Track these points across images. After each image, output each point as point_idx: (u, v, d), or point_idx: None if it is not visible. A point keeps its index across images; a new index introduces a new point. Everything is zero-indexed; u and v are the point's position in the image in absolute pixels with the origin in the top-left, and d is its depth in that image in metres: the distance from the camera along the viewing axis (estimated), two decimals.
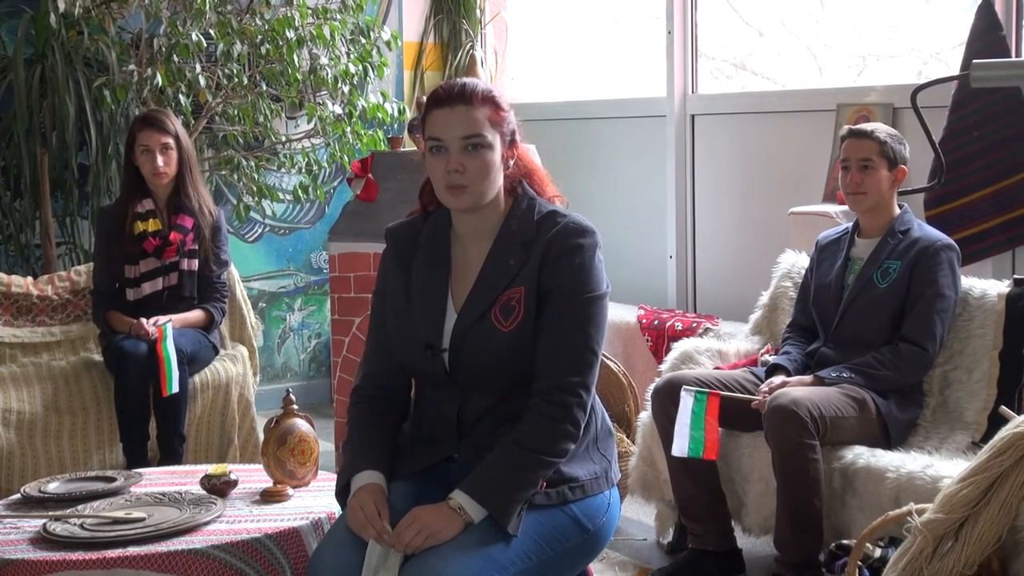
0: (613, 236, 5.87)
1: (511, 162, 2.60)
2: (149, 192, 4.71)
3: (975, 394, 3.77)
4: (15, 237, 5.53)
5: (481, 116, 2.51)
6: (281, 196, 6.26)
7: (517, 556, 2.40)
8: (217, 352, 4.83)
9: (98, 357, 4.74)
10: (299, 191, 5.97)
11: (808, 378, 3.70)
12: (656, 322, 5.26)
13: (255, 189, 5.89)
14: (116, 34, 5.58)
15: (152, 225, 4.66)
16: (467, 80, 2.56)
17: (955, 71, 4.59)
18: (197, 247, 4.68)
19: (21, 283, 4.94)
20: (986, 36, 4.46)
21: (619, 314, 5.36)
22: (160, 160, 4.61)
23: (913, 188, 4.46)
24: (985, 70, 3.34)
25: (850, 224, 4.04)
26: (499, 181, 2.57)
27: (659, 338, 5.18)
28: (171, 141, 4.64)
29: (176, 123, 4.70)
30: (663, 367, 4.19)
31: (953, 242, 3.83)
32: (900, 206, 3.91)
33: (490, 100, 2.54)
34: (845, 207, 4.77)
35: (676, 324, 5.17)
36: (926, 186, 4.52)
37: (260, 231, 6.42)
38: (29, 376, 4.59)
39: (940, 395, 3.84)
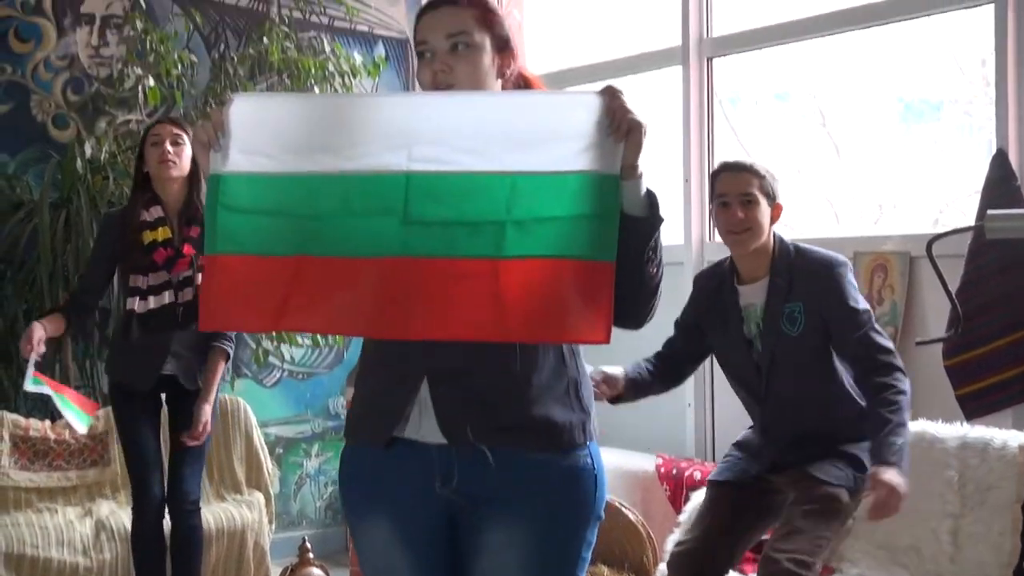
0: None
1: (508, 72, 2.42)
2: (158, 199, 4.47)
3: (998, 547, 3.72)
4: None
5: (468, 15, 2.36)
6: (300, 340, 6.28)
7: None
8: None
9: (113, 511, 4.66)
10: (317, 336, 5.99)
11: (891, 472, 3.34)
12: (674, 471, 5.22)
13: (274, 333, 5.91)
14: None
15: (162, 234, 4.40)
16: None
17: (971, 220, 4.60)
18: None
19: (39, 427, 4.94)
20: (1001, 186, 4.48)
21: (637, 463, 5.33)
22: (169, 147, 4.36)
23: (930, 339, 4.44)
24: (1000, 221, 3.33)
25: (720, 264, 3.91)
26: (493, 89, 2.39)
27: (677, 488, 5.13)
28: (183, 135, 4.40)
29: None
30: (682, 517, 4.15)
31: (841, 257, 3.72)
32: (773, 236, 3.75)
33: (478, 2, 2.39)
34: None
35: (695, 473, 5.12)
36: (943, 336, 4.50)
37: (278, 376, 6.42)
38: (45, 524, 4.55)
39: (955, 549, 3.77)
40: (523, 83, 2.48)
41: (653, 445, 5.70)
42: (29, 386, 4.05)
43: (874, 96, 5.72)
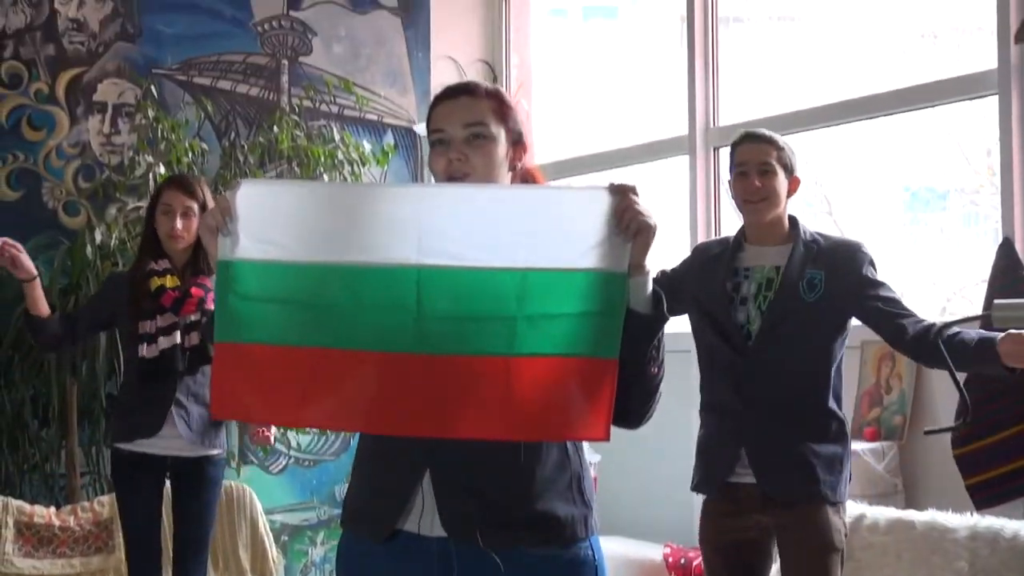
0: (638, 473, 5.83)
1: (518, 165, 2.43)
2: (165, 254, 4.43)
3: None
4: (40, 466, 5.53)
5: (485, 107, 2.36)
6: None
7: None
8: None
9: None
10: None
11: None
12: (683, 561, 5.18)
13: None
14: None
15: (170, 281, 4.36)
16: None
17: (979, 309, 4.60)
18: None
19: (44, 513, 4.92)
20: (1007, 274, 4.48)
21: (644, 552, 5.29)
22: (179, 223, 4.33)
23: (939, 428, 4.41)
24: (1006, 310, 3.34)
25: (725, 237, 3.84)
26: (501, 182, 2.39)
27: None
28: (195, 207, 4.34)
29: (205, 190, 4.44)
30: None
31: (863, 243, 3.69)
32: (790, 217, 3.71)
33: (495, 95, 2.40)
34: (875, 444, 4.74)
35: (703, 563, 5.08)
36: (952, 426, 4.47)
37: (285, 463, 6.39)
38: None
39: None
40: (527, 175, 2.48)
41: (660, 534, 5.65)
42: None
43: (880, 185, 5.76)
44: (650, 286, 2.23)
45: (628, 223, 2.16)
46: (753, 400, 3.59)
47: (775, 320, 3.58)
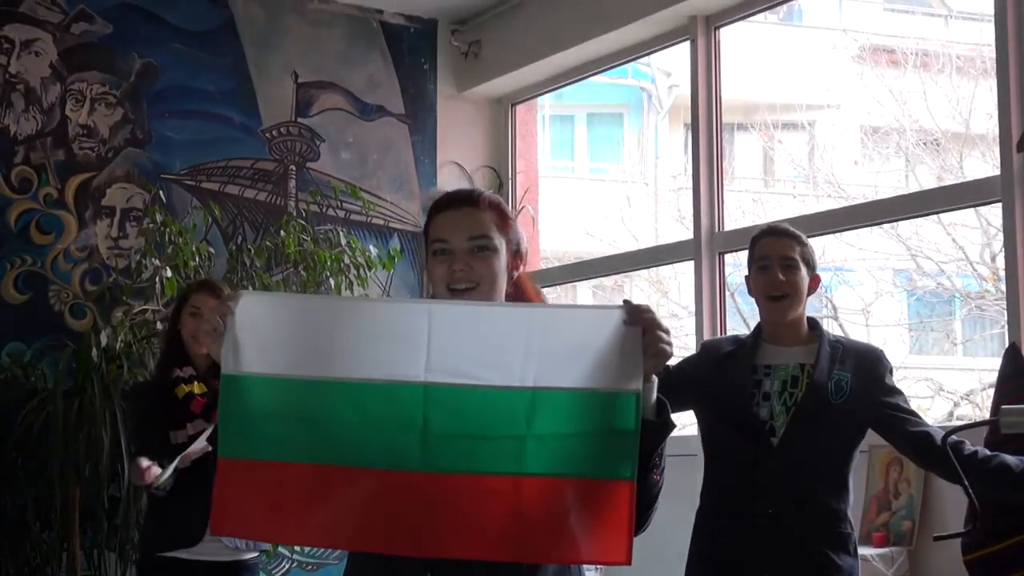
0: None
1: (515, 274, 2.43)
2: (188, 360, 4.39)
3: None
4: (41, 570, 5.48)
5: (488, 219, 2.36)
6: None
7: None
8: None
9: None
10: None
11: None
12: None
13: None
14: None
15: (198, 388, 4.30)
16: (473, 187, 2.44)
17: (987, 413, 4.59)
18: None
19: None
20: (1014, 380, 4.46)
21: None
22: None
23: (950, 533, 4.37)
24: (1015, 416, 3.31)
25: (736, 336, 3.76)
26: (502, 292, 2.38)
27: None
28: None
29: None
30: None
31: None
32: (809, 319, 3.62)
33: (496, 206, 2.40)
34: (884, 549, 4.69)
35: None
36: (962, 531, 4.43)
37: (287, 567, 6.33)
38: None
39: None
40: (519, 283, 2.47)
41: None
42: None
43: (886, 290, 5.77)
44: (655, 394, 2.22)
45: (647, 346, 2.15)
46: (777, 503, 3.48)
47: (804, 417, 3.49)
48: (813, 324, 3.66)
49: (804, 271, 3.56)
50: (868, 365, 3.56)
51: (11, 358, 5.69)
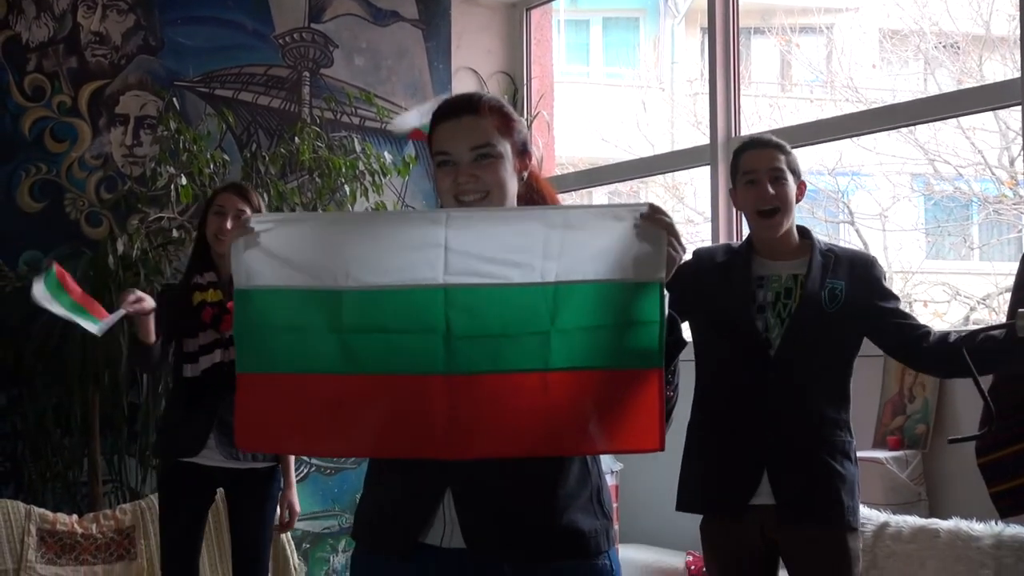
0: (660, 481, 5.81)
1: (524, 174, 2.43)
2: (212, 265, 4.37)
3: None
4: (62, 474, 5.55)
5: (489, 125, 2.35)
6: None
7: None
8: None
9: None
10: None
11: None
12: (705, 569, 5.15)
13: None
14: (172, 276, 5.69)
15: (212, 296, 4.27)
16: (473, 91, 2.43)
17: (1003, 317, 4.58)
18: None
19: (66, 521, 4.93)
20: None
21: (667, 560, 5.27)
22: (229, 224, 4.22)
23: (964, 436, 4.38)
24: None
25: (728, 245, 3.73)
26: (512, 195, 2.38)
27: None
28: (248, 210, 4.26)
29: (260, 202, 4.40)
30: None
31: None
32: (799, 227, 3.60)
33: (498, 109, 2.39)
34: (898, 452, 4.72)
35: None
36: (976, 434, 4.45)
37: (306, 471, 6.39)
38: None
39: None
40: (532, 181, 2.47)
41: (683, 542, 5.63)
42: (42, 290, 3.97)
43: (903, 195, 5.74)
44: (666, 308, 2.22)
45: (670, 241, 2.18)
46: (776, 414, 3.47)
47: (798, 328, 3.47)
48: (804, 233, 3.63)
49: (791, 180, 3.53)
50: (862, 271, 3.54)
51: (28, 266, 5.70)
